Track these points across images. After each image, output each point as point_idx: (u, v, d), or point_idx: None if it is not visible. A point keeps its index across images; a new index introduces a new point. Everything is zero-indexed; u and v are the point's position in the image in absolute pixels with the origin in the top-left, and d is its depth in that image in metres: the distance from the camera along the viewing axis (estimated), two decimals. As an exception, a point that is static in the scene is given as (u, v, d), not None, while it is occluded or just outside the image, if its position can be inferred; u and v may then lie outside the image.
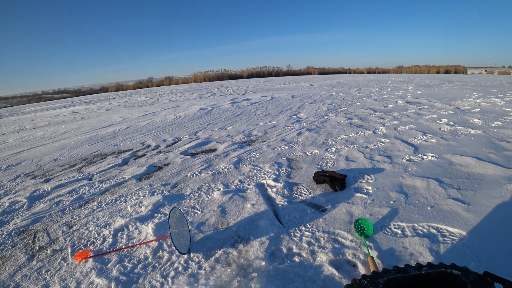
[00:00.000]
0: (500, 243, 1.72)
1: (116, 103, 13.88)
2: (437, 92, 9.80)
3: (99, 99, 18.47)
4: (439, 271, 0.98)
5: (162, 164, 3.65)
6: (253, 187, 2.74)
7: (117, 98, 18.17)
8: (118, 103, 13.80)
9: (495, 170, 2.75)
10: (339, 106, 7.55)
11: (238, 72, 42.74)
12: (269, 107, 8.20)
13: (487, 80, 16.59)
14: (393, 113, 6.12)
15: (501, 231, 1.84)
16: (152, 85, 38.57)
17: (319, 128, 5.06)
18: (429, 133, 4.27)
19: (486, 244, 1.71)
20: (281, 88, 15.54)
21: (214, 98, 12.09)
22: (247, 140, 4.57)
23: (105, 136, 5.68)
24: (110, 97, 19.58)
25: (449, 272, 0.97)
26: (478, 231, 1.84)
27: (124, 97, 18.46)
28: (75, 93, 37.98)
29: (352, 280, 1.01)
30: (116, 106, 12.28)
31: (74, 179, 3.30)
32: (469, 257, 1.60)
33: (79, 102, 17.57)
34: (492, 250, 1.66)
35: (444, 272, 0.98)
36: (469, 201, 2.21)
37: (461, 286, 0.93)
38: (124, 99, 16.30)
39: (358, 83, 16.92)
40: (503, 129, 4.31)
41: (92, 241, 2.02)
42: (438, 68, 38.84)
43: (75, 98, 25.28)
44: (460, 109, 6.25)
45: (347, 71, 47.23)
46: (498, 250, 1.66)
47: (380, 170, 2.95)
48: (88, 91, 40.39)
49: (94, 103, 15.48)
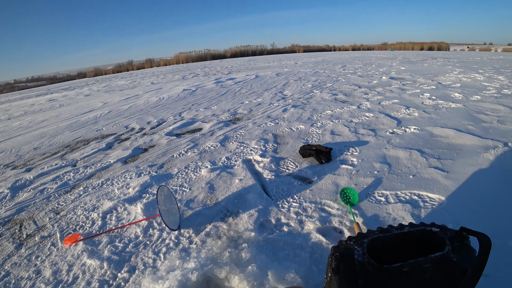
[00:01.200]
0: (475, 206, 1.83)
1: (96, 88, 13.38)
2: (420, 68, 9.92)
3: (77, 85, 17.72)
4: (420, 229, 1.03)
5: (147, 146, 3.60)
6: (240, 163, 2.76)
7: (96, 83, 17.48)
8: (97, 88, 13.30)
9: (473, 140, 2.88)
10: (324, 83, 7.55)
11: (222, 51, 41.67)
12: (254, 85, 8.11)
13: (468, 56, 16.87)
14: (377, 88, 6.18)
15: (477, 195, 1.96)
16: (132, 68, 37.14)
17: (305, 104, 5.07)
18: (412, 107, 4.36)
19: (463, 207, 1.82)
20: (266, 66, 15.33)
21: (197, 78, 11.82)
22: (232, 119, 4.54)
23: (86, 122, 5.51)
24: (89, 83, 18.82)
25: (428, 229, 1.02)
26: (456, 196, 1.95)
27: (104, 81, 17.79)
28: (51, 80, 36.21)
29: (339, 241, 1.05)
30: (96, 91, 11.85)
31: (57, 166, 3.22)
32: (448, 219, 1.71)
33: (56, 89, 16.82)
34: (468, 212, 1.78)
35: (424, 230, 1.03)
36: (448, 169, 2.32)
37: (440, 242, 0.98)
38: (104, 83, 15.71)
39: (343, 60, 16.86)
40: (482, 102, 4.44)
41: (81, 225, 2.00)
42: (422, 44, 39.06)
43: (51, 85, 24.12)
44: (442, 84, 6.37)
45: (332, 49, 46.78)
46: (473, 213, 1.77)
47: (364, 143, 3.03)
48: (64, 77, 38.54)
49: (72, 89, 14.86)
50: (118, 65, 40.20)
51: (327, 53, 31.86)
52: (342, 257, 0.86)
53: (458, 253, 0.95)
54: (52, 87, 21.18)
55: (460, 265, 0.91)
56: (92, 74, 35.59)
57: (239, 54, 41.23)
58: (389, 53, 26.51)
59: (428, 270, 0.91)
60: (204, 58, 38.80)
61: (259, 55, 39.18)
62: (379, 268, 0.90)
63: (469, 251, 0.96)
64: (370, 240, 0.99)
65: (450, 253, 0.92)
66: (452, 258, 0.93)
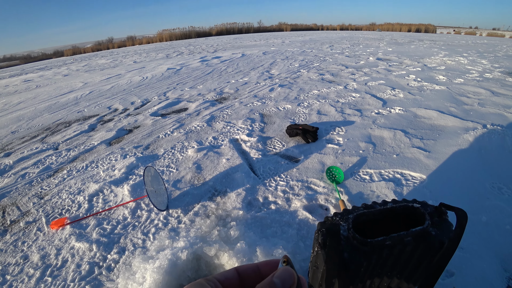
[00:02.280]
0: (453, 184, 1.93)
1: (75, 67, 12.78)
2: (407, 50, 9.96)
3: (54, 65, 16.84)
4: (402, 205, 1.07)
5: (132, 127, 3.52)
6: (227, 143, 2.75)
7: (75, 62, 16.68)
8: (76, 67, 12.71)
9: (454, 122, 2.97)
10: (311, 63, 7.49)
11: (207, 29, 40.40)
12: (240, 64, 7.96)
13: (454, 39, 17.03)
14: (364, 69, 6.19)
15: (455, 173, 2.06)
16: (113, 46, 35.55)
17: (292, 84, 5.04)
18: (398, 88, 4.42)
19: (443, 185, 1.91)
20: (252, 45, 15.00)
21: (182, 57, 11.47)
22: (218, 98, 4.48)
23: (66, 103, 5.30)
24: (67, 62, 17.93)
25: (410, 205, 1.06)
26: (436, 175, 2.04)
27: (83, 60, 16.99)
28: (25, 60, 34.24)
29: (325, 218, 1.08)
30: (75, 71, 11.32)
31: (38, 150, 3.11)
32: (428, 197, 1.79)
33: (31, 69, 15.93)
34: (447, 189, 1.87)
35: (406, 206, 1.07)
36: (430, 149, 2.41)
37: (420, 217, 1.03)
38: (83, 63, 15.01)
39: (331, 39, 16.68)
40: (465, 85, 4.55)
41: (67, 209, 1.97)
42: (409, 26, 39.07)
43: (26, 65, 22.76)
44: (427, 66, 6.45)
45: (320, 28, 46.11)
46: (451, 190, 1.87)
47: (350, 123, 3.07)
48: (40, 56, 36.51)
49: (49, 69, 14.13)
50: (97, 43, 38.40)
51: (315, 32, 31.43)
52: (328, 232, 0.89)
53: (437, 227, 1.00)
54: (26, 67, 20.05)
55: (438, 238, 0.96)
56: (70, 52, 33.90)
57: (225, 32, 40.10)
58: (376, 33, 26.41)
59: (409, 243, 0.95)
60: (188, 36, 37.53)
61: (245, 33, 38.22)
62: (363, 242, 0.93)
63: (447, 225, 1.02)
64: (355, 215, 1.03)
65: (429, 227, 0.97)
66: (431, 232, 0.98)
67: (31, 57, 36.78)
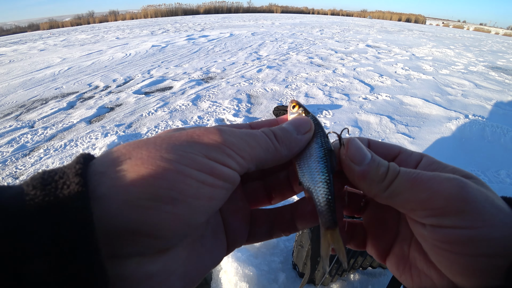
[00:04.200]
0: None
1: (52, 42, 12.08)
2: (396, 39, 10.02)
3: (29, 39, 15.84)
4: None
5: (113, 105, 3.38)
6: (212, 122, 2.71)
7: (52, 36, 15.77)
8: (54, 42, 12.02)
9: (438, 110, 3.05)
10: (300, 46, 7.39)
11: (194, 7, 39.04)
12: (228, 44, 7.75)
13: (442, 32, 17.23)
14: (353, 55, 6.19)
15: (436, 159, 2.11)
16: (94, 21, 33.78)
17: (280, 66, 4.97)
18: (385, 75, 4.45)
19: None
20: (241, 25, 14.62)
21: (167, 34, 11.04)
22: (205, 77, 4.36)
23: (43, 79, 5.02)
24: (43, 36, 16.92)
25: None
26: None
27: (61, 35, 16.07)
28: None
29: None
30: (53, 45, 10.72)
31: (12, 128, 2.94)
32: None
33: (3, 42, 14.90)
34: None
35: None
36: (414, 135, 2.47)
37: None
38: (62, 37, 14.20)
39: (321, 24, 16.48)
40: (450, 76, 4.65)
41: (44, 188, 1.89)
42: (400, 15, 39.24)
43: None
44: (415, 55, 6.53)
45: (311, 11, 45.49)
46: None
47: (337, 107, 3.08)
48: (13, 29, 34.26)
49: (24, 43, 13.28)
50: (77, 16, 36.44)
51: (306, 16, 31.01)
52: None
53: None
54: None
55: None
56: (46, 26, 31.98)
57: (213, 11, 38.89)
58: (367, 21, 26.33)
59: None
60: (175, 13, 36.14)
61: (234, 13, 37.20)
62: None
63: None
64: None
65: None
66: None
67: (3, 29, 34.49)
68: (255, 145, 0.23)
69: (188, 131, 0.21)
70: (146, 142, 0.19)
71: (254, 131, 0.24)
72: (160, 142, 0.19)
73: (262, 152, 0.23)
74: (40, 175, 0.16)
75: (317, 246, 0.92)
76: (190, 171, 0.19)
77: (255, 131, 0.24)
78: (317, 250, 0.94)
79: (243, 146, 0.22)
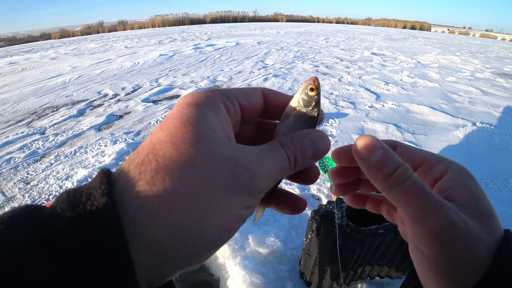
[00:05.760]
0: None
1: (63, 51, 12.38)
2: (401, 46, 10.01)
3: (41, 48, 16.24)
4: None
5: (122, 113, 3.44)
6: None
7: (63, 45, 16.13)
8: (65, 51, 12.31)
9: (445, 118, 3.03)
10: (306, 54, 7.44)
11: (201, 16, 39.55)
12: (234, 53, 7.84)
13: (448, 38, 17.18)
14: (358, 63, 6.20)
15: None
16: (103, 30, 34.47)
17: (286, 74, 5.01)
18: (391, 83, 4.45)
19: None
20: (247, 34, 14.78)
21: (175, 43, 11.22)
22: (212, 86, 4.42)
23: (54, 87, 5.14)
24: (54, 45, 17.32)
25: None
26: None
27: (72, 44, 16.45)
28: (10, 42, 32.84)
29: (319, 206, 1.07)
30: (63, 54, 10.97)
31: (24, 135, 3.01)
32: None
33: (17, 51, 15.31)
34: None
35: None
36: (422, 143, 2.45)
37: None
38: (72, 46, 14.53)
39: (326, 32, 16.56)
40: (456, 83, 4.63)
41: (54, 195, 1.93)
42: (405, 23, 39.30)
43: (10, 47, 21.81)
44: (421, 63, 6.51)
45: (316, 20, 45.71)
46: None
47: (344, 115, 3.08)
48: (26, 38, 35.12)
49: (36, 51, 13.63)
50: (87, 26, 37.22)
51: (310, 24, 31.21)
52: (323, 219, 0.88)
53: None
54: (11, 49, 19.30)
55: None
56: (57, 35, 32.75)
57: (219, 20, 39.37)
58: (372, 28, 26.41)
59: (401, 232, 0.96)
60: (182, 23, 36.71)
61: (240, 22, 37.61)
62: (356, 230, 0.93)
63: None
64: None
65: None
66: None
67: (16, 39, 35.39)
68: (277, 178, 0.25)
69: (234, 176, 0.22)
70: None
71: (280, 154, 0.25)
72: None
73: (279, 178, 0.26)
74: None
75: (324, 254, 0.93)
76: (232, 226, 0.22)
77: (281, 154, 0.25)
78: (324, 258, 0.94)
79: (268, 185, 0.24)
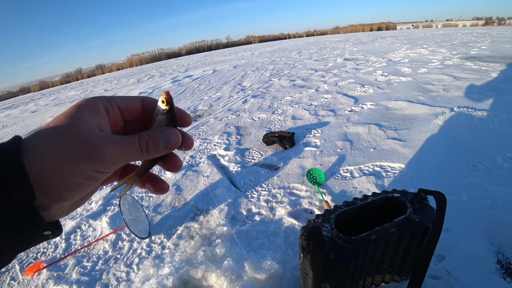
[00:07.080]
0: (432, 168, 1.98)
1: (43, 102, 12.33)
2: (371, 48, 10.39)
3: (21, 102, 16.18)
4: (382, 197, 1.07)
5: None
6: (205, 159, 2.70)
7: (43, 97, 16.09)
8: (45, 102, 12.27)
9: (424, 109, 3.09)
10: (281, 70, 7.62)
11: (176, 49, 40.39)
12: (212, 80, 7.96)
13: (413, 33, 18.02)
14: (333, 70, 6.36)
15: (431, 157, 2.12)
16: (82, 77, 34.64)
17: (264, 93, 5.08)
18: (367, 84, 4.56)
19: (421, 171, 1.96)
20: (223, 60, 15.12)
21: (153, 80, 11.36)
22: (193, 116, 4.43)
23: (35, 140, 5.07)
24: (34, 98, 17.27)
25: (390, 196, 1.07)
26: (414, 162, 2.09)
27: (52, 94, 16.44)
28: (-11, 101, 32.67)
29: (307, 221, 1.06)
30: (44, 106, 10.92)
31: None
32: (409, 185, 1.83)
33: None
34: (427, 175, 1.92)
35: (386, 197, 1.07)
36: (405, 138, 2.48)
37: (402, 206, 1.03)
38: (52, 96, 14.52)
39: (299, 46, 17.12)
40: (428, 74, 4.79)
41: (43, 252, 1.84)
42: (371, 25, 41.11)
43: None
44: (392, 60, 6.74)
45: (287, 36, 47.23)
46: (431, 174, 1.92)
47: (325, 124, 3.12)
48: (5, 95, 34.94)
49: (16, 107, 13.53)
50: (66, 75, 37.39)
51: (283, 41, 32.20)
52: (309, 235, 0.87)
53: (420, 213, 1.00)
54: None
55: (422, 224, 0.97)
56: (37, 87, 32.70)
57: (194, 51, 40.24)
58: (341, 36, 27.44)
59: (394, 234, 0.95)
60: (158, 58, 37.36)
61: (215, 50, 38.50)
62: (347, 240, 0.92)
63: (429, 210, 1.02)
64: (337, 214, 1.02)
65: (412, 215, 0.97)
66: (415, 219, 0.98)
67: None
68: (127, 158, 0.31)
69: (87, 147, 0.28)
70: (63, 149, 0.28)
71: (132, 141, 0.31)
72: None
73: (130, 159, 0.32)
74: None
75: (318, 272, 0.90)
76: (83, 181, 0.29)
77: (132, 141, 0.31)
78: (319, 275, 0.91)
79: (119, 162, 0.30)
